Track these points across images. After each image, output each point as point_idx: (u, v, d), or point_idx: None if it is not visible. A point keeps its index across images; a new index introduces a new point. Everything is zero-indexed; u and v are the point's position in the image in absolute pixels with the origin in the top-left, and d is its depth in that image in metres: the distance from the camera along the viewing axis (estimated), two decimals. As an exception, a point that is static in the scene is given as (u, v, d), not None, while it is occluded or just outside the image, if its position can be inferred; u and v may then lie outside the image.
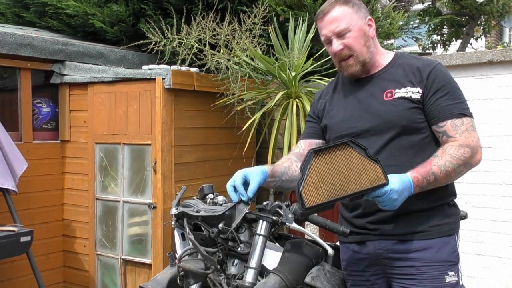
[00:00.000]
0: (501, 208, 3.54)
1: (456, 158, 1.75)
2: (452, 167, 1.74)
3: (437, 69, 1.86)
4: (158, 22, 4.10)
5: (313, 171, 1.61)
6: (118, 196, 3.81)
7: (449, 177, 1.77)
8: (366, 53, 1.91)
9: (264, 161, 3.89)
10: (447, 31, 6.16)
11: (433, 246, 1.83)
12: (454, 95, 1.83)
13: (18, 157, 3.53)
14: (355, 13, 1.90)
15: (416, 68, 1.88)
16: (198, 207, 2.29)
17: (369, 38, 1.92)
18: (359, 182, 1.62)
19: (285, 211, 2.12)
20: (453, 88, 1.85)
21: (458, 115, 1.81)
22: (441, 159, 1.75)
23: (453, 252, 1.86)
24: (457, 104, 1.83)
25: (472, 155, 1.77)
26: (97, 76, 3.87)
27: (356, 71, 1.94)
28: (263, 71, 3.77)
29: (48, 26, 5.30)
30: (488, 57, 3.57)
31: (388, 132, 1.87)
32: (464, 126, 1.80)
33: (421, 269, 1.82)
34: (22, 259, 3.61)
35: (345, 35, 1.89)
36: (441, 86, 1.83)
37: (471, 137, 1.80)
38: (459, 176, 1.81)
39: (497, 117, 3.57)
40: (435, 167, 1.74)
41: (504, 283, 3.53)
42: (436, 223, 1.85)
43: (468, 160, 1.77)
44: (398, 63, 1.94)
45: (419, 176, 1.72)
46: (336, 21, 1.89)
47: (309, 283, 2.07)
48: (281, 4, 4.28)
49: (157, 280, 2.26)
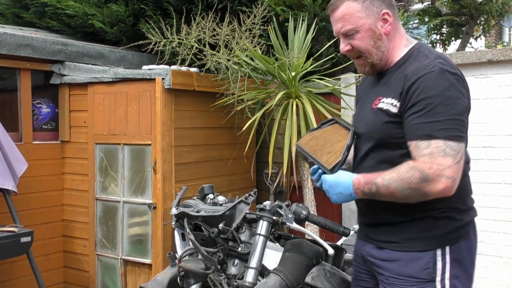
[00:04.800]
0: (501, 207, 3.54)
1: (401, 179, 1.61)
2: (395, 186, 1.62)
3: (422, 80, 1.63)
4: (158, 22, 4.10)
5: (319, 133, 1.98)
6: (118, 196, 3.80)
7: (393, 195, 1.64)
8: (375, 54, 1.77)
9: (264, 161, 3.89)
10: (446, 31, 6.16)
11: (401, 259, 1.75)
12: (430, 112, 1.59)
13: (18, 157, 3.53)
14: (365, 10, 1.74)
15: (405, 75, 1.69)
16: (198, 207, 2.29)
17: (381, 37, 1.76)
18: (323, 155, 1.87)
19: (285, 211, 2.13)
20: (431, 104, 1.59)
21: (424, 136, 1.59)
22: (388, 174, 1.65)
23: (424, 269, 1.72)
24: (428, 124, 1.59)
25: (422, 182, 1.58)
26: (97, 76, 3.87)
27: (366, 72, 1.86)
28: (263, 71, 3.77)
29: (47, 26, 5.30)
30: (488, 57, 3.57)
31: (369, 141, 1.80)
32: (429, 149, 1.58)
33: (389, 280, 1.79)
34: (22, 259, 3.61)
35: (352, 36, 1.77)
36: (419, 101, 1.61)
37: (432, 163, 1.57)
38: (409, 199, 1.65)
39: (497, 117, 3.57)
40: (380, 178, 1.65)
41: (504, 282, 3.53)
42: (411, 236, 1.74)
43: (417, 186, 1.59)
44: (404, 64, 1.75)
45: (362, 180, 1.70)
46: (343, 20, 1.76)
47: (309, 282, 2.07)
48: (280, 4, 4.27)
49: (157, 280, 2.27)
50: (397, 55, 1.79)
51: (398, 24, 1.81)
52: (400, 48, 1.80)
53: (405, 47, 1.80)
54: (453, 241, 1.74)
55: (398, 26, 1.81)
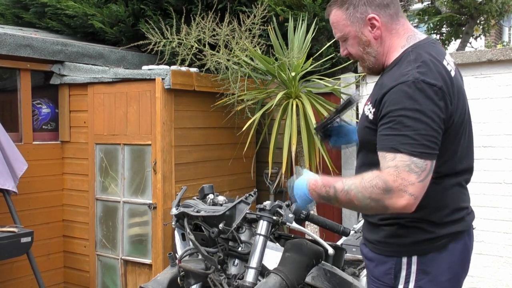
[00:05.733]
0: (501, 207, 3.54)
1: (363, 186, 1.54)
2: (355, 193, 1.56)
3: (394, 91, 1.56)
4: (158, 23, 4.10)
5: None
6: (118, 196, 3.81)
7: (351, 203, 1.59)
8: (367, 59, 1.76)
9: (264, 161, 3.89)
10: (446, 30, 6.15)
11: (374, 260, 1.78)
12: (398, 125, 1.53)
13: (18, 158, 3.53)
14: (349, 18, 1.71)
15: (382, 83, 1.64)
16: (199, 207, 2.29)
17: (369, 43, 1.72)
18: None
19: (286, 211, 2.13)
20: (400, 117, 1.53)
21: (390, 149, 1.53)
22: (351, 180, 1.60)
23: (385, 274, 1.72)
24: (394, 137, 1.53)
25: (384, 194, 1.50)
26: (97, 76, 3.87)
27: (367, 72, 1.88)
28: (263, 71, 3.77)
29: (47, 26, 5.31)
30: (488, 56, 3.57)
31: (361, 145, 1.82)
32: (394, 162, 1.51)
33: (369, 276, 1.84)
34: (22, 260, 3.61)
35: (345, 41, 1.77)
36: (387, 112, 1.56)
37: (397, 176, 1.49)
38: (367, 210, 1.64)
39: (497, 116, 3.57)
40: (340, 183, 1.61)
41: (504, 282, 3.53)
42: (379, 239, 1.75)
43: (378, 197, 1.52)
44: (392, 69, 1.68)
45: (319, 181, 1.67)
46: (334, 27, 1.78)
47: (309, 282, 2.07)
48: (280, 4, 4.28)
49: (157, 280, 2.27)
50: (392, 56, 1.72)
51: (393, 24, 1.72)
52: (397, 49, 1.71)
53: (401, 47, 1.71)
54: (422, 252, 1.68)
55: (393, 27, 1.72)
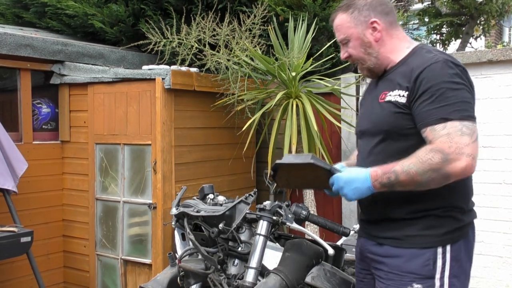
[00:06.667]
0: (501, 207, 3.54)
1: (421, 162, 1.63)
2: (415, 170, 1.63)
3: (428, 70, 1.72)
4: (158, 22, 4.10)
5: None
6: (118, 196, 3.80)
7: (414, 180, 1.65)
8: (368, 59, 1.90)
9: (264, 161, 3.88)
10: (446, 31, 6.15)
11: (403, 256, 1.79)
12: (440, 98, 1.67)
13: (18, 157, 3.53)
14: (353, 20, 1.88)
15: (411, 68, 1.78)
16: (199, 207, 2.29)
17: (370, 44, 1.88)
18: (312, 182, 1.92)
19: (285, 211, 2.13)
20: (441, 90, 1.68)
21: (439, 120, 1.65)
22: (407, 160, 1.67)
23: (424, 265, 1.76)
24: (441, 108, 1.66)
25: (443, 162, 1.61)
26: (97, 76, 3.87)
27: (366, 75, 1.99)
28: (263, 71, 3.77)
29: (47, 26, 5.30)
30: (488, 57, 3.57)
31: (376, 136, 1.86)
32: (445, 130, 1.64)
33: (388, 275, 1.83)
34: (22, 259, 3.61)
35: (347, 44, 1.92)
36: (427, 89, 1.69)
37: (450, 142, 1.61)
38: (430, 183, 1.66)
39: (497, 117, 3.57)
40: (399, 166, 1.67)
41: (504, 282, 3.53)
42: (412, 233, 1.79)
43: (438, 166, 1.61)
44: (407, 61, 1.83)
45: (379, 171, 1.70)
46: (337, 30, 1.94)
47: (309, 282, 2.07)
48: (280, 4, 4.28)
49: (157, 280, 2.27)
50: (398, 56, 1.88)
51: (393, 30, 1.90)
52: (402, 50, 1.88)
53: (407, 48, 1.89)
54: (453, 241, 1.78)
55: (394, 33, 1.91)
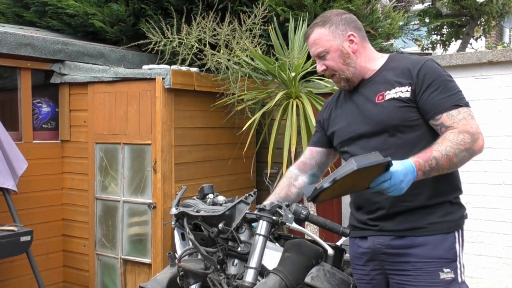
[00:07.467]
0: (501, 208, 3.54)
1: (456, 143, 1.76)
2: (453, 152, 1.75)
3: (426, 66, 1.90)
4: (158, 22, 4.10)
5: None
6: (118, 196, 3.80)
7: (452, 162, 1.77)
8: (347, 69, 2.00)
9: (264, 161, 3.89)
10: (446, 31, 6.16)
11: (430, 243, 1.87)
12: (446, 88, 1.86)
13: (18, 156, 3.53)
14: (332, 34, 1.99)
15: (407, 68, 1.92)
16: (198, 207, 2.29)
17: (349, 55, 1.99)
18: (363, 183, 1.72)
19: (285, 211, 2.12)
20: (443, 82, 1.87)
21: (453, 106, 1.84)
22: (442, 145, 1.77)
23: (450, 249, 1.88)
24: (450, 97, 1.85)
25: (473, 141, 1.78)
26: (97, 76, 3.87)
27: (342, 87, 2.07)
28: (263, 71, 3.77)
29: (48, 25, 5.30)
30: (488, 57, 3.57)
31: (382, 133, 1.93)
32: (461, 115, 1.83)
33: (416, 265, 1.87)
34: (22, 259, 3.61)
35: (325, 57, 2.01)
36: (432, 81, 1.87)
37: (470, 124, 1.81)
38: (462, 162, 1.81)
39: (497, 118, 3.57)
40: (436, 152, 1.75)
41: (504, 283, 3.53)
42: (434, 221, 1.88)
43: (470, 145, 1.78)
44: (390, 65, 2.00)
45: (420, 160, 1.75)
46: (315, 44, 2.02)
47: (309, 283, 2.07)
48: (281, 4, 4.28)
49: (157, 280, 2.27)
50: (375, 64, 2.02)
51: (366, 43, 2.06)
52: (377, 59, 2.04)
53: (381, 57, 2.05)
54: (462, 226, 1.94)
55: (367, 46, 2.06)
